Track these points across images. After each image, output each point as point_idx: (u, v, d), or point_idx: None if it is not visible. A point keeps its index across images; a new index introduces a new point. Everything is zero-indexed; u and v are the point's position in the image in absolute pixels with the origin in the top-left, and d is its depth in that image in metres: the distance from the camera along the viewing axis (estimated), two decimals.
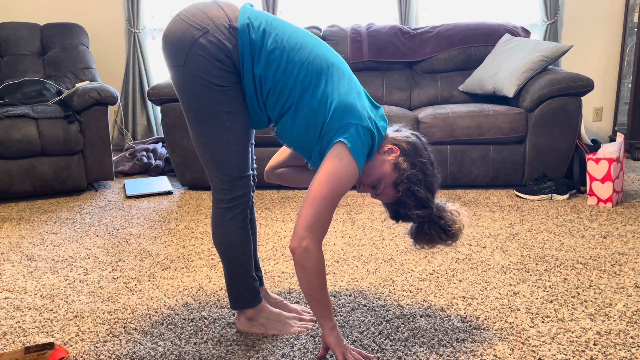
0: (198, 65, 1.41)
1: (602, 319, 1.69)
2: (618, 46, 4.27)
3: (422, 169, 1.51)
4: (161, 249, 2.37)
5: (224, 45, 1.40)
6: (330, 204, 1.39)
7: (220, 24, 1.41)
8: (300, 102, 1.44)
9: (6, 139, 3.06)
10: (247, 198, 1.56)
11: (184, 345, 1.59)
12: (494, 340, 1.58)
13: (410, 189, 1.50)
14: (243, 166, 1.52)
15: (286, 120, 1.48)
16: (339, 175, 1.38)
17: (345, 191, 1.41)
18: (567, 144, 3.15)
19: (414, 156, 1.51)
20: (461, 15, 4.28)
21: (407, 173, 1.49)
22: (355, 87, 1.48)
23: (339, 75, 1.46)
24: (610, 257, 2.18)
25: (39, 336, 1.66)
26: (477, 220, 2.67)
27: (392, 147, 1.51)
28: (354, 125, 1.40)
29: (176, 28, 1.43)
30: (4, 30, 3.88)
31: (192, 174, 3.32)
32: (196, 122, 1.48)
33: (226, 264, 1.61)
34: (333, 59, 1.49)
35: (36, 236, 2.57)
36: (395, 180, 1.51)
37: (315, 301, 1.44)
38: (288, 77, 1.43)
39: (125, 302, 1.88)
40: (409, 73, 3.82)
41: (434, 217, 1.54)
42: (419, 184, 1.50)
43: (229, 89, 1.44)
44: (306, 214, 1.38)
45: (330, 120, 1.42)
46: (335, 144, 1.40)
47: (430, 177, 1.53)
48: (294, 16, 4.35)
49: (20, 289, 2.00)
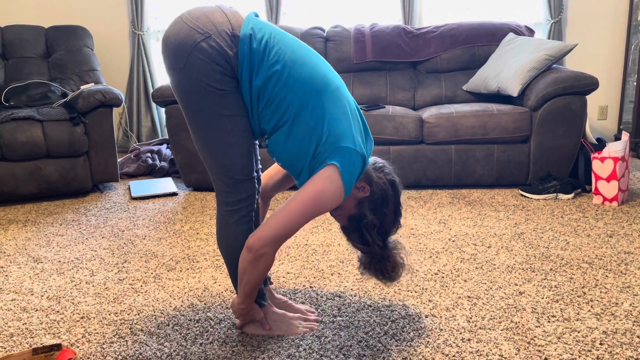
0: (199, 68, 1.40)
1: (609, 319, 1.68)
2: (623, 44, 4.25)
3: (382, 218, 1.53)
4: (166, 250, 2.38)
5: (225, 51, 1.40)
6: (305, 221, 1.42)
7: (223, 30, 1.41)
8: (297, 119, 1.44)
9: (12, 142, 3.07)
10: (252, 201, 1.55)
11: (190, 346, 1.60)
12: (500, 340, 1.58)
13: (360, 230, 1.54)
14: (246, 168, 1.51)
15: (280, 135, 1.47)
16: (325, 197, 1.40)
17: (323, 212, 1.44)
18: (572, 143, 3.14)
19: (379, 204, 1.53)
20: (465, 14, 4.28)
21: (365, 218, 1.52)
22: (352, 110, 1.49)
23: (338, 96, 1.47)
24: (616, 256, 2.18)
25: (45, 337, 1.67)
26: (482, 220, 2.67)
27: (364, 186, 1.52)
28: (349, 150, 1.41)
29: (178, 31, 1.42)
30: (9, 33, 3.90)
31: (197, 175, 3.33)
32: (197, 126, 1.47)
33: (231, 267, 1.60)
34: (334, 79, 1.49)
35: (42, 238, 2.59)
36: (352, 216, 1.54)
37: (246, 286, 1.50)
38: (288, 91, 1.42)
39: (131, 303, 1.89)
40: (412, 73, 3.82)
41: (376, 257, 1.57)
42: (371, 230, 1.53)
43: (229, 93, 1.43)
44: (279, 224, 1.41)
45: (325, 142, 1.42)
46: (328, 166, 1.41)
47: (387, 226, 1.56)
48: (298, 17, 4.35)
49: (27, 290, 2.01)
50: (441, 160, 3.22)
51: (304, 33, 3.83)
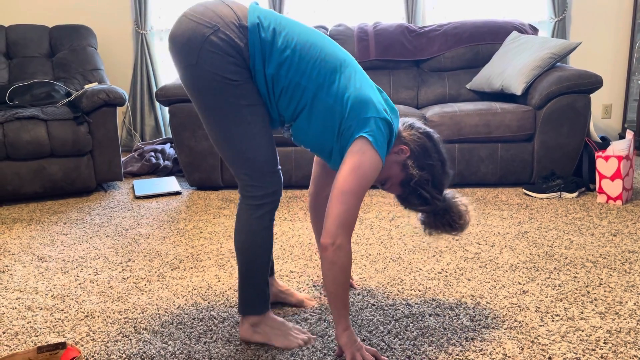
0: (212, 62, 1.38)
1: (613, 318, 1.68)
2: (627, 42, 4.23)
3: (431, 170, 1.52)
4: (170, 249, 2.39)
5: (235, 43, 1.39)
6: (358, 198, 1.39)
7: (230, 21, 1.40)
8: (315, 101, 1.43)
9: (16, 141, 3.08)
10: (277, 197, 1.51)
11: (194, 344, 1.60)
12: (503, 339, 1.58)
13: (416, 191, 1.52)
14: (272, 160, 1.49)
15: (301, 120, 1.47)
16: (364, 169, 1.38)
17: (370, 183, 1.41)
18: (576, 141, 3.13)
19: (423, 159, 1.52)
20: (468, 13, 4.27)
21: (415, 177, 1.50)
22: (367, 81, 1.49)
23: (352, 71, 1.46)
24: (620, 255, 2.17)
25: (50, 336, 1.67)
26: (486, 219, 2.67)
27: (402, 148, 1.51)
28: (373, 118, 1.40)
29: (185, 28, 1.41)
30: (13, 32, 3.91)
31: (200, 174, 3.34)
32: (216, 121, 1.44)
33: (243, 264, 1.55)
34: (344, 56, 1.49)
35: (46, 237, 2.60)
36: (402, 181, 1.53)
37: (337, 298, 1.42)
38: (301, 75, 1.42)
39: (135, 302, 1.90)
40: (416, 71, 3.82)
41: (439, 211, 1.56)
42: (426, 185, 1.51)
43: (244, 83, 1.42)
44: (336, 210, 1.37)
45: (348, 117, 1.41)
46: (357, 139, 1.39)
47: (439, 177, 1.54)
48: (301, 15, 4.35)
49: (32, 289, 2.02)
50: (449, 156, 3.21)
51: None
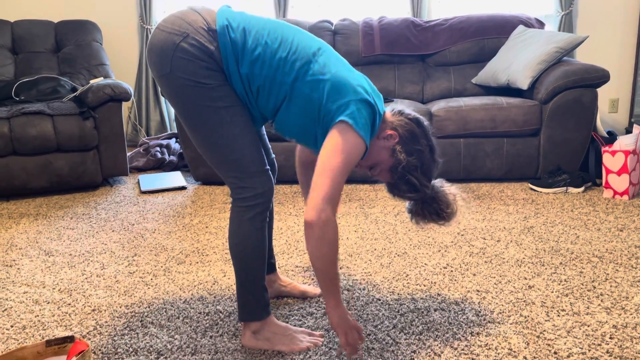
0: (185, 69, 1.40)
1: (619, 313, 1.68)
2: (634, 36, 4.20)
3: (419, 156, 1.52)
4: (176, 244, 2.40)
5: (206, 47, 1.40)
6: (342, 174, 1.38)
7: (199, 27, 1.41)
8: (293, 92, 1.44)
9: (22, 136, 3.10)
10: (269, 197, 1.50)
11: (200, 338, 1.61)
12: (509, 333, 1.58)
13: (404, 176, 1.51)
14: (257, 159, 1.48)
15: (282, 113, 1.47)
16: (346, 148, 1.37)
17: (354, 162, 1.40)
18: (583, 136, 3.12)
19: (411, 143, 1.51)
20: (474, 7, 4.24)
21: (403, 162, 1.50)
22: (344, 65, 1.48)
23: (326, 58, 1.46)
24: (627, 250, 2.16)
25: (57, 330, 1.69)
26: (492, 214, 2.66)
27: (391, 133, 1.50)
28: (352, 101, 1.40)
29: (157, 39, 1.44)
30: (19, 28, 3.92)
31: (205, 169, 3.34)
32: (197, 127, 1.45)
33: (238, 269, 1.54)
34: (318, 45, 1.48)
35: (53, 231, 2.61)
36: (391, 167, 1.52)
37: (325, 275, 1.40)
38: (275, 70, 1.43)
39: (142, 296, 1.91)
40: (421, 66, 3.80)
41: (427, 199, 1.56)
42: (414, 171, 1.51)
43: (220, 86, 1.43)
44: (321, 185, 1.36)
45: (326, 102, 1.41)
46: (337, 123, 1.39)
47: (427, 164, 1.54)
48: (306, 10, 4.33)
49: (39, 283, 2.03)
50: (450, 153, 3.21)
51: (312, 26, 3.82)
